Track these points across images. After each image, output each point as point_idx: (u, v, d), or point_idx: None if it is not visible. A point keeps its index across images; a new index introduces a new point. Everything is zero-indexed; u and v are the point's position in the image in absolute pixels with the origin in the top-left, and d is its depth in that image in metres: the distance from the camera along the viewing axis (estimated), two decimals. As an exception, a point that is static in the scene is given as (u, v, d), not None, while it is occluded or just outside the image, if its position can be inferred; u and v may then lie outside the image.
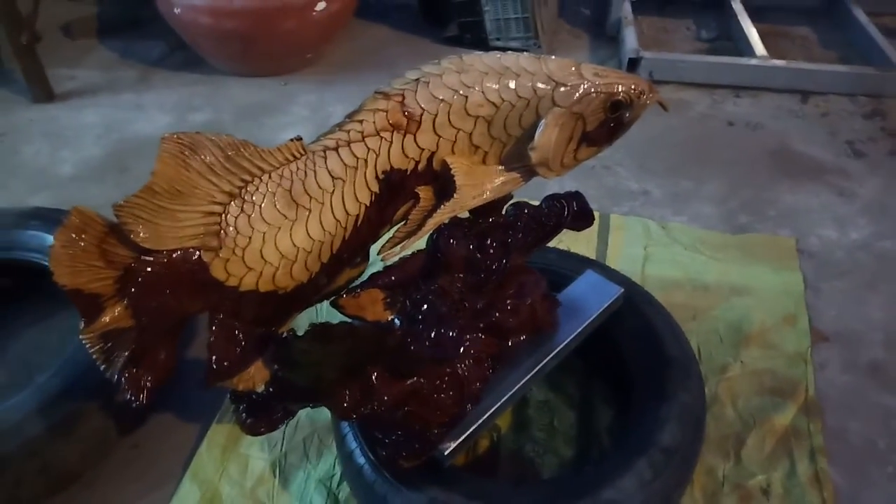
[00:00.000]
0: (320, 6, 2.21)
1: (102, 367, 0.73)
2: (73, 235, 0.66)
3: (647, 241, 1.78)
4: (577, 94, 0.88)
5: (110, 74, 2.43)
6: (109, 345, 0.72)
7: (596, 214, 1.82)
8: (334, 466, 1.25)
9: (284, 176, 0.75)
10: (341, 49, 2.57)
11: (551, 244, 1.43)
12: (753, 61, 2.40)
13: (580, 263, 1.38)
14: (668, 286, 1.62)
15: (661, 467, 1.03)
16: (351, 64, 2.52)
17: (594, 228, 1.81)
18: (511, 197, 1.07)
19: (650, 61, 2.41)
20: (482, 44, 2.54)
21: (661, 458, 1.03)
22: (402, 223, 0.93)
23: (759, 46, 2.45)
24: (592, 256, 1.70)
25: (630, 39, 2.49)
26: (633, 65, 2.40)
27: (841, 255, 1.75)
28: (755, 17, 2.68)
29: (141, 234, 0.67)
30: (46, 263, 1.38)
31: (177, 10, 2.18)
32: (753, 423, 1.33)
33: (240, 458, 1.27)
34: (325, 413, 1.30)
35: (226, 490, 1.22)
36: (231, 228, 0.72)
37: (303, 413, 1.34)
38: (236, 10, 2.12)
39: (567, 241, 1.73)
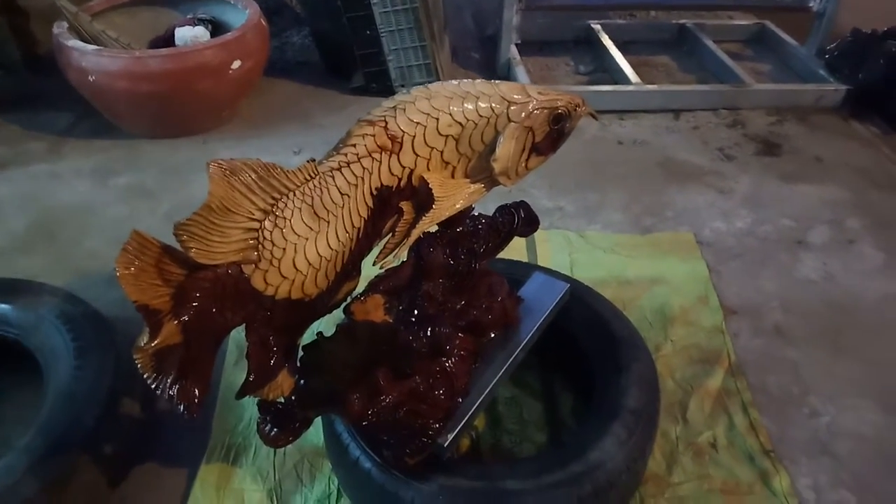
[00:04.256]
0: (236, 65, 2.28)
1: (153, 385, 0.78)
2: (132, 257, 0.72)
3: (570, 249, 1.97)
4: (527, 110, 1.04)
5: (16, 148, 2.37)
6: (159, 362, 0.78)
7: (522, 231, 2.03)
8: (329, 486, 1.30)
9: (306, 193, 0.84)
10: (254, 106, 2.65)
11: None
12: (631, 87, 2.71)
13: (526, 268, 1.54)
14: (597, 285, 1.78)
15: (632, 427, 1.17)
16: (265, 119, 2.60)
17: (522, 243, 1.98)
18: (472, 208, 1.21)
19: (543, 94, 2.65)
20: (388, 91, 2.70)
21: (631, 419, 1.18)
22: (389, 235, 1.04)
23: (633, 75, 2.77)
24: (527, 267, 1.85)
25: (522, 77, 2.75)
26: (529, 98, 2.64)
27: (732, 242, 2.02)
28: (623, 51, 3.03)
29: (195, 251, 0.74)
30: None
31: (91, 78, 2.18)
32: (691, 390, 1.52)
33: (235, 493, 1.30)
34: (310, 439, 1.36)
35: (227, 525, 1.25)
36: (268, 242, 0.80)
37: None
38: (153, 73, 2.16)
39: (501, 255, 1.89)
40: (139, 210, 2.07)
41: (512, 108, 1.03)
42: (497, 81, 1.07)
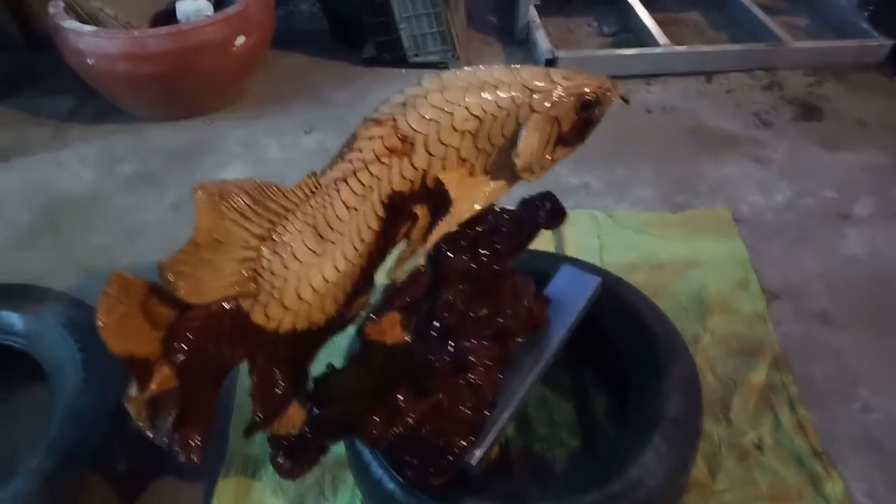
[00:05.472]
0: (240, 41, 2.17)
1: (150, 434, 0.71)
2: (115, 301, 0.64)
3: (598, 230, 1.86)
4: (552, 99, 0.93)
5: (20, 134, 2.29)
6: (154, 410, 0.70)
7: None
8: (353, 500, 1.24)
9: (307, 213, 0.75)
10: (261, 81, 2.53)
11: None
12: (659, 49, 2.55)
13: (552, 259, 1.44)
14: (627, 269, 1.70)
15: (674, 438, 1.08)
16: (274, 95, 2.49)
17: (547, 226, 1.87)
18: (493, 204, 1.10)
19: (565, 60, 2.51)
20: (401, 61, 2.58)
21: (672, 430, 1.09)
22: (404, 242, 0.94)
23: (660, 35, 2.60)
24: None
25: (542, 41, 2.60)
26: (550, 65, 2.50)
27: (770, 218, 1.90)
28: (649, 8, 2.85)
29: (184, 290, 0.65)
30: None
31: (90, 61, 2.08)
32: (734, 386, 1.42)
33: (254, 508, 1.24)
34: (333, 450, 1.27)
35: (246, 542, 1.19)
36: (266, 272, 0.71)
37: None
38: (153, 54, 2.05)
39: (526, 241, 1.79)
40: (145, 199, 2.00)
41: (535, 96, 0.92)
42: (517, 66, 0.96)
